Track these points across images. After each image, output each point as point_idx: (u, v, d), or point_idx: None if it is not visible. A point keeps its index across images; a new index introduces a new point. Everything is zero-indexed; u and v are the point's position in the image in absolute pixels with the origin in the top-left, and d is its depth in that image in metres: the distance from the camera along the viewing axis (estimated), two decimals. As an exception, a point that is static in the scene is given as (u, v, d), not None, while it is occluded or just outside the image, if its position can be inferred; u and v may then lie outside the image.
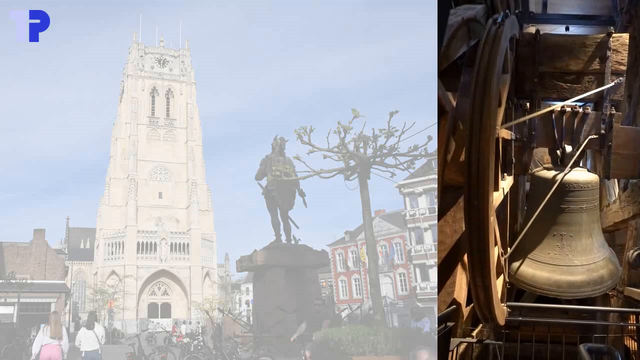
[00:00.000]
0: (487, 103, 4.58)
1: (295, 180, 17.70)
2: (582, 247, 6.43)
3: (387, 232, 53.32)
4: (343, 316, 18.99)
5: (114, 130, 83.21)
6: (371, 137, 14.42)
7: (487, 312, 5.08)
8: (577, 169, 6.50)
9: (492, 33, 4.86)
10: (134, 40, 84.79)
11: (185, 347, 15.09)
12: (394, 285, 52.44)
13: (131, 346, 12.82)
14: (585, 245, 6.45)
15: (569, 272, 6.33)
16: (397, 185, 50.42)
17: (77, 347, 10.41)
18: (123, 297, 66.38)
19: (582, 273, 6.36)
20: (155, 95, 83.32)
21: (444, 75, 5.19)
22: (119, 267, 71.44)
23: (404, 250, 51.85)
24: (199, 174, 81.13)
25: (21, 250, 45.61)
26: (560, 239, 6.39)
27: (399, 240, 52.76)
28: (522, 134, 6.51)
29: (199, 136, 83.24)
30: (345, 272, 58.63)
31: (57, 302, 41.35)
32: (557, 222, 6.44)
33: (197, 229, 76.34)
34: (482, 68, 4.69)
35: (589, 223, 6.50)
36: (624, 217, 7.38)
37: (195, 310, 67.32)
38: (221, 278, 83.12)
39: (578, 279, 6.33)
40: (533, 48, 6.51)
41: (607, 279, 6.50)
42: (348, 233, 59.11)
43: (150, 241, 73.85)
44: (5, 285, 37.19)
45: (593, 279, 6.38)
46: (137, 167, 77.21)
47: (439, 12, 4.84)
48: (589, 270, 6.39)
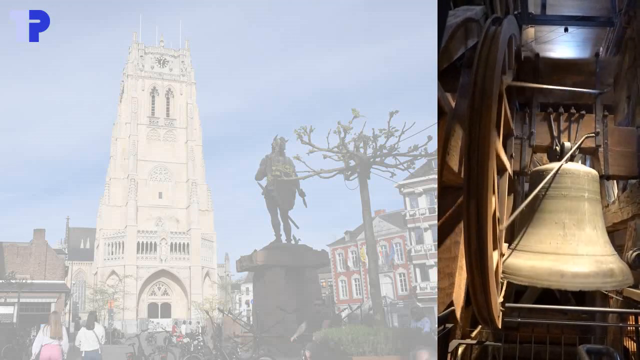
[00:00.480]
0: (486, 104, 4.58)
1: (295, 180, 17.70)
2: (587, 238, 6.05)
3: (387, 232, 53.34)
4: (343, 316, 19.01)
5: (114, 130, 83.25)
6: (371, 137, 14.42)
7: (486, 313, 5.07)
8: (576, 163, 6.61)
9: (490, 33, 4.86)
10: (134, 40, 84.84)
11: (185, 347, 15.09)
12: (394, 285, 52.45)
13: (131, 346, 12.82)
14: (591, 236, 6.07)
15: (573, 261, 5.91)
16: (397, 185, 50.45)
17: (77, 347, 10.41)
18: (123, 297, 66.40)
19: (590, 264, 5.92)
20: (155, 95, 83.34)
21: (443, 76, 5.19)
22: (119, 267, 71.47)
23: (404, 250, 51.87)
24: (199, 174, 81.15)
25: (21, 250, 45.62)
26: (563, 227, 6.05)
27: (399, 240, 52.77)
28: (522, 134, 6.64)
29: (199, 136, 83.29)
30: (345, 272, 58.65)
31: (57, 302, 41.36)
32: (557, 209, 6.13)
33: (197, 229, 76.37)
34: (480, 69, 4.69)
35: (592, 214, 6.19)
36: (623, 217, 7.38)
37: (195, 310, 67.34)
38: (221, 278, 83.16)
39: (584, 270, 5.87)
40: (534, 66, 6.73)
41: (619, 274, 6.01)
42: (348, 233, 59.14)
43: (150, 241, 73.89)
44: (5, 285, 37.18)
45: (602, 271, 5.92)
46: (137, 167, 77.24)
47: (439, 12, 4.84)
48: (598, 262, 5.94)
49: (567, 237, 6.01)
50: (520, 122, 6.77)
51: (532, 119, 6.71)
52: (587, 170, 6.39)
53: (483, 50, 4.66)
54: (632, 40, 6.92)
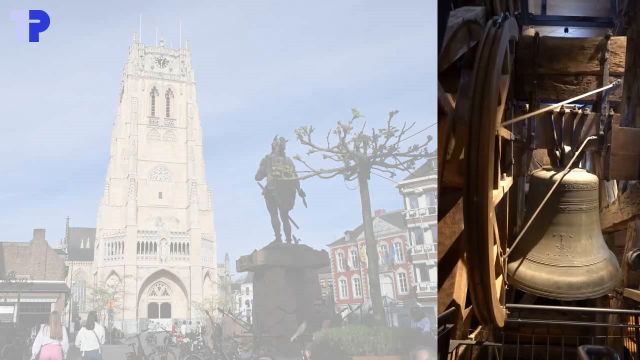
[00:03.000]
0: (486, 104, 4.58)
1: (295, 180, 17.71)
2: (582, 248, 6.35)
3: (387, 232, 53.32)
4: (343, 316, 19.00)
5: (114, 130, 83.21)
6: (371, 137, 14.44)
7: (486, 313, 5.07)
8: (576, 169, 6.52)
9: (491, 34, 4.85)
10: (134, 40, 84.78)
11: (185, 347, 15.08)
12: (394, 285, 52.43)
13: (131, 346, 12.82)
14: (585, 246, 6.38)
15: (569, 273, 6.26)
16: (397, 185, 50.44)
17: (77, 347, 10.42)
18: (123, 297, 66.37)
19: (582, 274, 6.28)
20: (155, 95, 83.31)
21: (444, 76, 5.19)
22: (119, 267, 71.42)
23: (404, 250, 51.85)
24: (199, 174, 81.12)
25: (21, 250, 45.60)
26: (560, 239, 6.32)
27: (399, 240, 52.75)
28: (522, 135, 6.56)
29: (199, 136, 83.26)
30: (345, 272, 58.63)
31: (57, 302, 41.33)
32: (556, 222, 6.37)
33: (197, 229, 76.34)
34: (481, 69, 4.69)
35: (588, 224, 6.44)
36: (623, 218, 7.38)
37: (195, 310, 67.30)
38: (221, 278, 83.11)
39: (578, 280, 6.25)
40: (532, 50, 6.56)
41: (607, 280, 6.41)
42: (348, 233, 59.11)
43: (150, 241, 73.85)
44: (5, 285, 37.17)
45: (593, 280, 6.30)
46: (137, 167, 77.20)
47: (439, 12, 4.84)
48: (589, 272, 6.31)
49: (564, 250, 6.35)
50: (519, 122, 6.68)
51: (532, 119, 6.62)
52: (586, 181, 6.39)
53: (484, 52, 4.66)
54: (632, 41, 6.90)
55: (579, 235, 6.36)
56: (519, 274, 6.45)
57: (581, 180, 6.39)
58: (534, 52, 6.55)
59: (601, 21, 7.82)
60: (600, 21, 7.83)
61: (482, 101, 4.57)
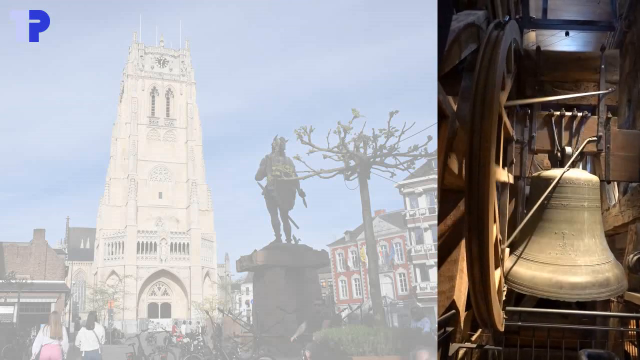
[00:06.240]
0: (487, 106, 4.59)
1: (295, 180, 17.73)
2: (585, 247, 6.16)
3: (387, 232, 53.33)
4: (343, 316, 19.02)
5: (114, 130, 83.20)
6: (371, 137, 14.46)
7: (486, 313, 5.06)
8: (577, 169, 6.56)
9: (492, 38, 4.86)
10: (134, 40, 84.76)
11: (185, 347, 15.10)
12: (394, 285, 52.45)
13: (131, 346, 12.83)
14: (589, 246, 6.18)
15: (572, 272, 6.04)
16: (397, 185, 50.45)
17: (77, 347, 10.43)
18: (123, 297, 66.40)
19: (586, 274, 6.05)
20: (155, 95, 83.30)
21: (445, 79, 5.20)
22: (119, 267, 71.43)
23: (404, 250, 51.86)
24: (199, 174, 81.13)
25: (21, 250, 45.60)
26: (562, 237, 6.14)
27: (399, 240, 52.77)
28: (523, 137, 6.61)
29: (199, 136, 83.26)
30: (345, 272, 58.64)
31: (57, 302, 41.33)
32: (558, 219, 6.22)
33: (197, 229, 76.34)
34: (482, 72, 4.70)
35: (591, 223, 6.28)
36: (624, 221, 7.39)
37: (195, 310, 67.32)
38: (221, 278, 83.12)
39: (582, 280, 6.02)
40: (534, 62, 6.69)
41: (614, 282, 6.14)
42: (348, 233, 59.13)
43: (150, 241, 73.86)
44: (5, 285, 37.18)
45: (598, 281, 6.07)
46: (137, 167, 77.20)
47: (439, 12, 4.84)
48: (594, 272, 6.08)
49: (566, 248, 6.13)
50: (520, 124, 6.74)
51: (533, 121, 6.68)
52: (587, 179, 6.38)
53: (485, 55, 4.67)
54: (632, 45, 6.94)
55: (581, 233, 6.19)
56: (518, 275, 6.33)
57: (582, 177, 6.39)
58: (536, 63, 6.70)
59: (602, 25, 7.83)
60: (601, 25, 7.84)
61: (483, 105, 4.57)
